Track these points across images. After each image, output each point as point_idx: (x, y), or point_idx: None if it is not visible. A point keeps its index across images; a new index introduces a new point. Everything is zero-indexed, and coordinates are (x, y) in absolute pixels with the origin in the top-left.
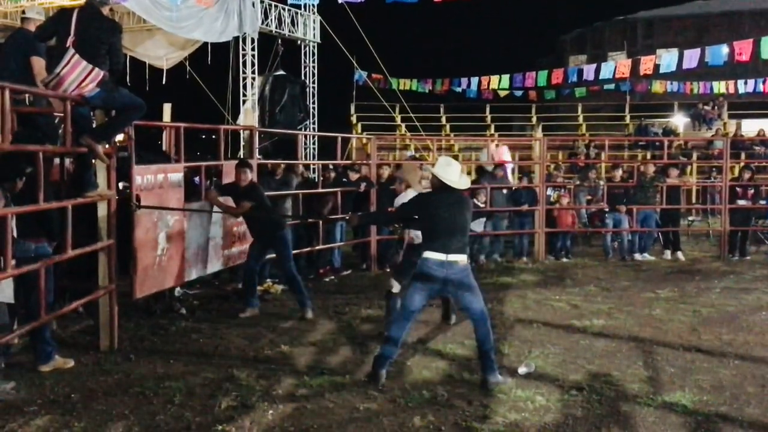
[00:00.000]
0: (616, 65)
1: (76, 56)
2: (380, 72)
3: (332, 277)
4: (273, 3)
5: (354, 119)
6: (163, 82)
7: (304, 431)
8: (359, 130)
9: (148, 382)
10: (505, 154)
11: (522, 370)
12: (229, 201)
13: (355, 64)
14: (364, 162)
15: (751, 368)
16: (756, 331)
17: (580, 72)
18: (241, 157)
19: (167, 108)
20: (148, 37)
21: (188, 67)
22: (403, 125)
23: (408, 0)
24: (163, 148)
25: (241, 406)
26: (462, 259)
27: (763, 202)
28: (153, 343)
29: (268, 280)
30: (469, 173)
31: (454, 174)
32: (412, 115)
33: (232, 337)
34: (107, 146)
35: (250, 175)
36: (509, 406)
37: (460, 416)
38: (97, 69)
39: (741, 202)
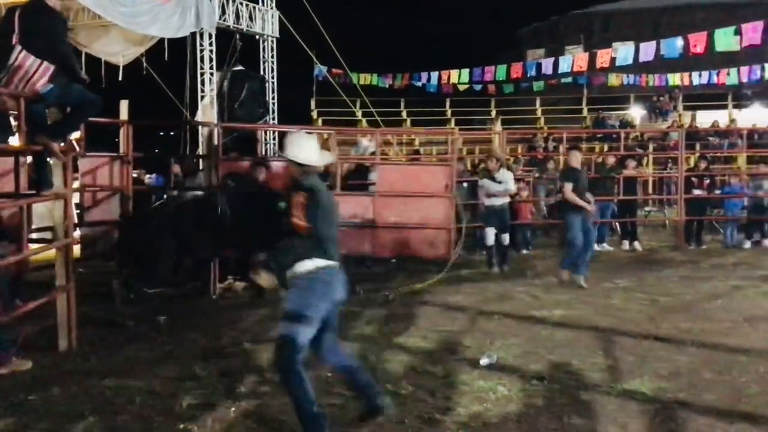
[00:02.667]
0: (574, 59)
1: (23, 52)
2: (340, 67)
3: None
4: None
5: (315, 114)
6: (120, 79)
7: (268, 428)
8: (320, 125)
9: (108, 382)
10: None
11: (484, 361)
12: None
13: (315, 59)
14: None
15: (707, 355)
16: (712, 318)
17: (539, 66)
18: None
19: (124, 105)
20: (104, 34)
21: (145, 64)
22: (364, 120)
23: None
24: (120, 145)
25: (204, 404)
26: None
27: (718, 191)
28: (113, 342)
29: (230, 278)
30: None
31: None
32: (372, 109)
33: (194, 335)
34: (62, 144)
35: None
36: (472, 397)
37: (423, 409)
38: (46, 63)
39: (696, 192)
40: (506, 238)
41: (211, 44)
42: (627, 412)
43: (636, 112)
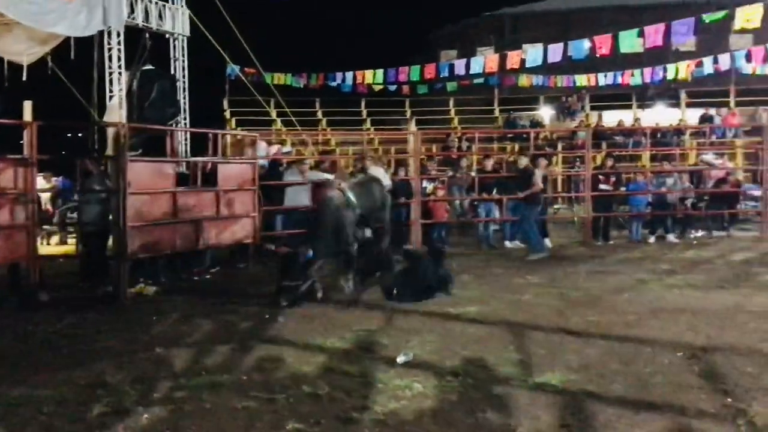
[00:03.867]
0: (485, 60)
1: None
2: (253, 66)
3: (206, 276)
4: None
5: (228, 114)
6: (24, 79)
7: None
8: (233, 125)
9: (15, 391)
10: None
11: (400, 359)
12: None
13: (227, 59)
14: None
15: (615, 347)
16: (619, 311)
17: (452, 67)
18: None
19: (28, 106)
20: (6, 32)
21: (50, 63)
22: (279, 120)
23: None
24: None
25: (115, 411)
26: None
27: (623, 189)
28: (20, 350)
29: (141, 282)
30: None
31: None
32: (287, 109)
33: (105, 341)
34: None
35: None
36: (388, 395)
37: (340, 408)
38: None
39: (603, 187)
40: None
41: (119, 43)
42: (539, 404)
43: (545, 113)
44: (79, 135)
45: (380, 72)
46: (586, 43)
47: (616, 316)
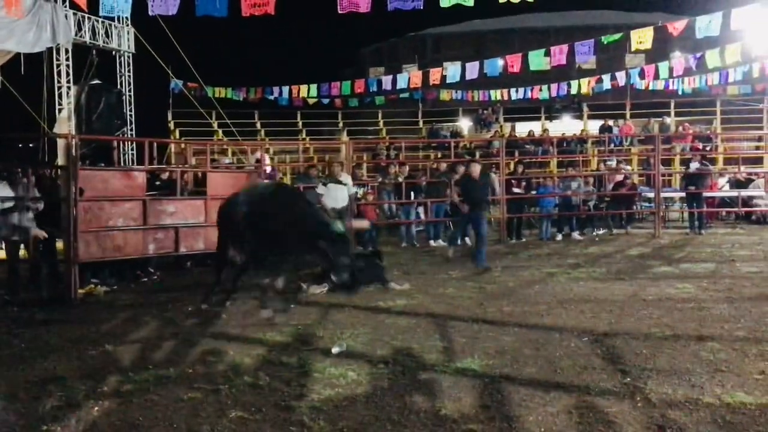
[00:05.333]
0: (410, 76)
1: None
2: (196, 81)
3: (155, 277)
4: (86, 15)
5: (172, 125)
6: None
7: (131, 425)
8: (177, 136)
9: None
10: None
11: (335, 349)
12: None
13: (171, 74)
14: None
15: (527, 334)
16: (531, 302)
17: (379, 82)
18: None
19: None
20: None
21: (1, 78)
22: (220, 131)
23: (217, 14)
24: None
25: (67, 405)
26: None
27: (534, 192)
28: None
29: (92, 281)
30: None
31: None
32: (228, 121)
33: (55, 339)
34: None
35: None
36: (324, 383)
37: (279, 397)
38: None
39: (516, 190)
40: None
41: (67, 59)
42: (460, 387)
43: (464, 124)
44: (30, 146)
45: (314, 86)
46: (500, 62)
47: (528, 306)
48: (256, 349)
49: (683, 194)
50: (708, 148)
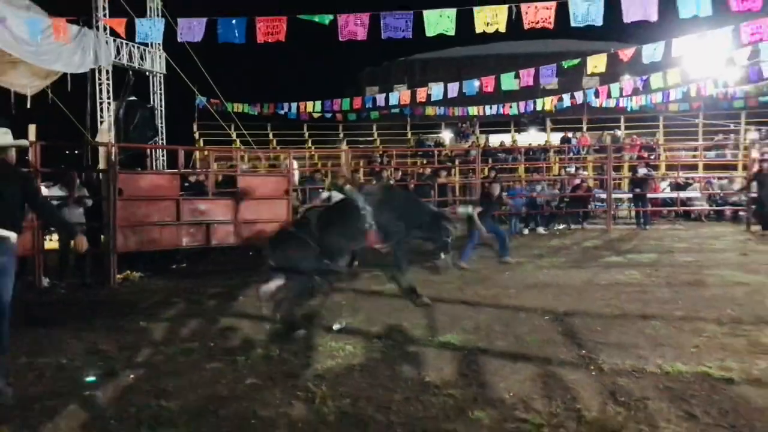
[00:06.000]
0: (400, 95)
1: None
2: (217, 97)
3: (183, 265)
4: (124, 41)
5: (197, 136)
6: (28, 107)
7: (162, 390)
8: (201, 145)
9: (22, 359)
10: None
11: (336, 326)
12: None
13: (196, 92)
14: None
15: (499, 313)
16: (502, 286)
17: (374, 100)
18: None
19: (32, 129)
20: (12, 68)
21: (50, 94)
22: (238, 140)
23: (236, 41)
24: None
25: (106, 374)
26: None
27: (505, 193)
28: (20, 326)
29: (127, 269)
30: None
31: None
32: (245, 132)
33: (95, 318)
34: None
35: None
36: (326, 355)
37: (288, 367)
38: None
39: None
40: None
41: (108, 78)
42: (442, 358)
43: (446, 135)
44: (76, 152)
45: (319, 102)
46: (476, 83)
47: (500, 290)
48: (268, 325)
49: (631, 195)
50: (652, 157)
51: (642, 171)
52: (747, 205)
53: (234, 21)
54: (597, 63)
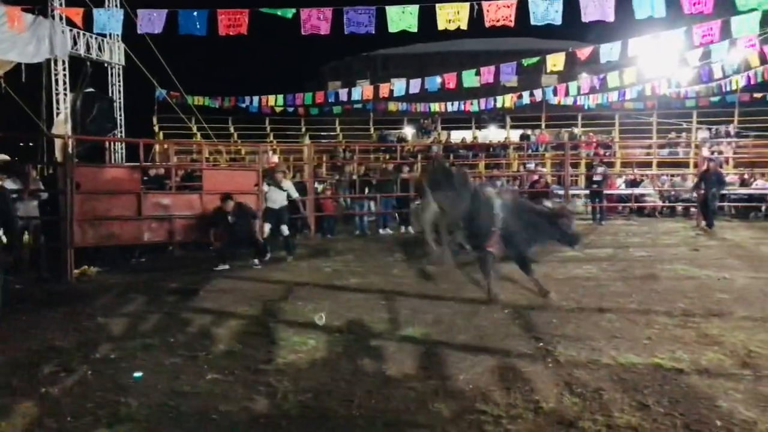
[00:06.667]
0: (363, 90)
1: None
2: (177, 90)
3: (142, 260)
4: (81, 31)
5: (156, 129)
6: None
7: (120, 386)
8: (161, 138)
9: None
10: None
11: (318, 320)
12: None
13: (156, 84)
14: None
15: (460, 307)
16: (463, 281)
17: (337, 94)
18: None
19: None
20: None
21: (3, 84)
22: (199, 134)
23: (197, 33)
24: None
25: (63, 370)
26: None
27: None
28: None
29: (85, 264)
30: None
31: None
32: (205, 125)
33: (52, 314)
34: None
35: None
36: (288, 350)
37: (250, 362)
38: None
39: None
40: (285, 229)
41: (64, 69)
42: (403, 352)
43: (408, 131)
44: (30, 145)
45: (281, 96)
46: (438, 79)
47: (461, 284)
48: (229, 321)
49: (588, 191)
50: (608, 154)
51: (600, 169)
52: (697, 202)
53: (195, 13)
54: (556, 61)
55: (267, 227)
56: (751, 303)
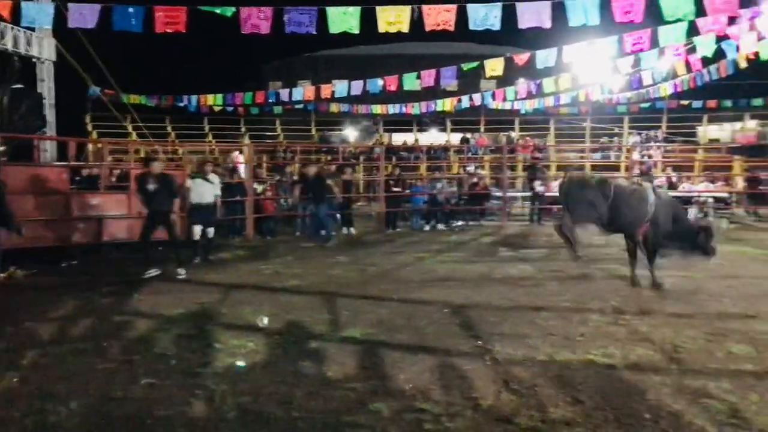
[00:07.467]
0: (304, 90)
1: None
2: (112, 88)
3: (74, 262)
4: (9, 25)
5: (90, 127)
6: None
7: (49, 393)
8: (95, 137)
9: None
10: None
11: (262, 323)
12: None
13: (89, 81)
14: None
15: (401, 307)
16: (404, 281)
17: (278, 94)
18: None
19: None
20: None
21: None
22: (135, 133)
23: (133, 29)
24: None
25: None
26: None
27: (407, 191)
28: None
29: (11, 267)
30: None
31: None
32: (141, 124)
33: None
34: None
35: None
36: (226, 353)
37: (187, 365)
38: None
39: (396, 189)
40: (211, 231)
41: None
42: (344, 353)
43: (350, 132)
44: None
45: (220, 96)
46: (380, 81)
47: (402, 285)
48: (166, 324)
49: (524, 194)
50: (541, 157)
51: (539, 173)
52: None
53: (131, 9)
54: (494, 66)
55: (197, 228)
56: (678, 300)
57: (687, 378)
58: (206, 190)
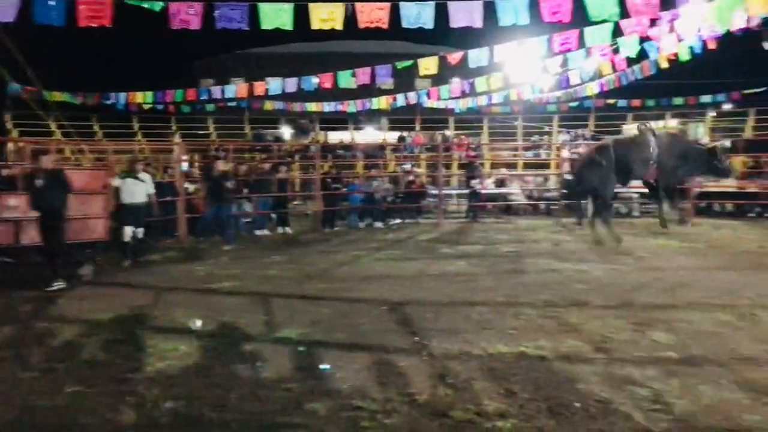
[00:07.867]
0: (237, 88)
1: None
2: (33, 85)
3: None
4: None
5: (10, 126)
6: None
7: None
8: (16, 136)
9: None
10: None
11: (195, 326)
12: None
13: (8, 78)
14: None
15: (339, 307)
16: (341, 279)
17: (210, 92)
18: None
19: None
20: None
21: None
22: (59, 132)
23: (55, 23)
24: None
25: None
26: None
27: (344, 189)
28: None
29: None
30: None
31: None
32: (66, 123)
33: None
34: None
35: None
36: (157, 357)
37: (116, 371)
38: None
39: (335, 186)
40: (141, 232)
41: None
42: (280, 354)
43: (286, 131)
44: None
45: (150, 93)
46: (314, 79)
47: (339, 284)
48: (93, 329)
49: (459, 191)
50: (474, 154)
51: (476, 173)
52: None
53: (52, 2)
54: (428, 65)
55: (128, 229)
56: (606, 293)
57: (614, 366)
58: (138, 190)
